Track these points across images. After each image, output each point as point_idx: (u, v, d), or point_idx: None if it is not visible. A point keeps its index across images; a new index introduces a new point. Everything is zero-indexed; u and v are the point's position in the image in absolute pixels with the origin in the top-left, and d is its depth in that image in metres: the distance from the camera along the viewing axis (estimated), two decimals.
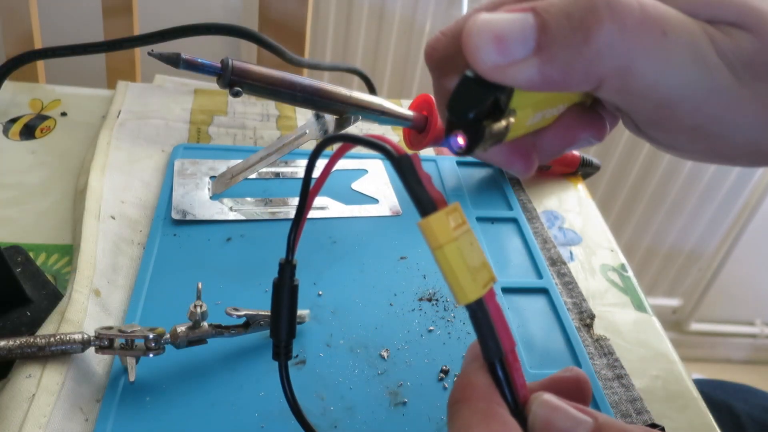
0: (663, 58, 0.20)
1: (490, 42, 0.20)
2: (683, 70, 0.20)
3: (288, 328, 0.26)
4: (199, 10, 1.02)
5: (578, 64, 0.20)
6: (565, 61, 0.20)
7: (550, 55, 0.20)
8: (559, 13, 0.20)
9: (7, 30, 0.60)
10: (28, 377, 0.28)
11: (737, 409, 0.61)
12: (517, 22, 0.20)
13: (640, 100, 0.21)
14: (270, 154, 0.43)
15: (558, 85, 0.20)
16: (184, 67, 0.37)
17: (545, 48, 0.20)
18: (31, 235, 0.39)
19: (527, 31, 0.20)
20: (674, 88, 0.21)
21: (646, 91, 0.21)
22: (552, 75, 0.20)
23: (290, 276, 0.26)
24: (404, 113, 0.45)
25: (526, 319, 0.39)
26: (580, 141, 0.26)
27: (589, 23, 0.19)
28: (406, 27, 1.08)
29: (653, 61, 0.20)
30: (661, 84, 0.20)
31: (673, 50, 0.20)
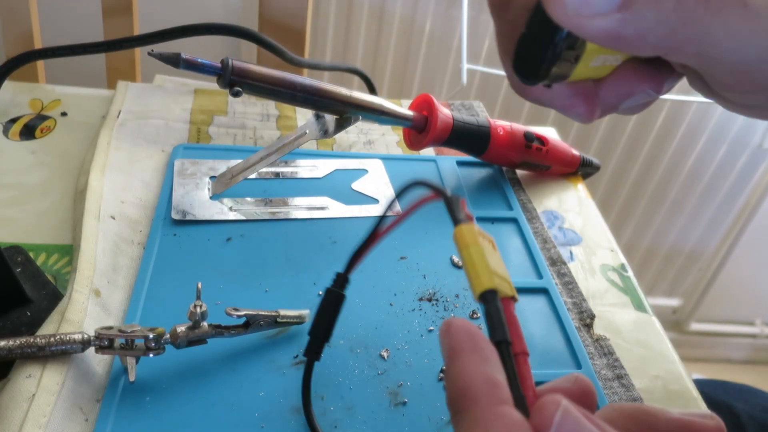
0: (744, 27, 0.20)
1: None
2: (762, 37, 0.21)
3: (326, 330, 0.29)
4: (199, 10, 1.02)
5: (659, 28, 0.20)
6: (647, 22, 0.20)
7: (635, 14, 0.20)
8: None
9: (7, 30, 0.60)
10: (28, 377, 0.28)
11: (737, 409, 0.61)
12: None
13: (716, 65, 0.22)
14: (270, 154, 0.43)
15: (629, 45, 0.21)
16: (184, 67, 0.37)
17: (632, 5, 0.20)
18: (31, 235, 0.39)
19: None
20: (753, 55, 0.21)
21: (724, 58, 0.21)
22: (629, 33, 0.20)
23: (342, 287, 0.29)
24: (404, 113, 0.45)
25: (526, 319, 0.39)
26: (638, 93, 0.26)
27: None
28: (406, 27, 1.08)
29: (734, 30, 0.20)
30: (741, 51, 0.21)
31: (753, 19, 0.20)
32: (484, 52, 1.12)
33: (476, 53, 1.11)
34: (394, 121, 0.45)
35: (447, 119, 0.46)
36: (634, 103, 0.27)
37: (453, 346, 0.20)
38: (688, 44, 0.21)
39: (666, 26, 0.20)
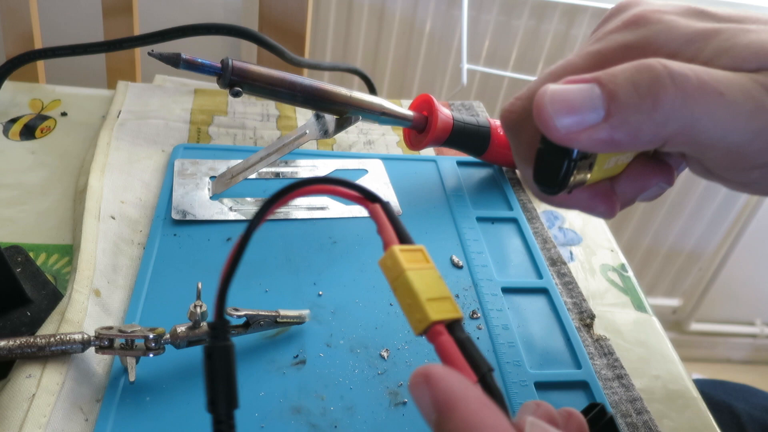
0: (724, 115, 0.22)
1: (563, 111, 0.22)
2: (744, 121, 0.22)
3: (228, 395, 0.24)
4: (199, 10, 1.02)
5: (646, 128, 0.22)
6: (634, 125, 0.22)
7: (620, 121, 0.22)
8: (625, 82, 0.22)
9: (7, 30, 0.60)
10: (28, 377, 0.28)
11: (738, 409, 0.61)
12: (584, 92, 0.22)
13: (708, 151, 0.23)
14: (270, 154, 0.43)
15: (624, 146, 0.23)
16: (184, 67, 0.37)
17: (615, 114, 0.22)
18: (31, 235, 0.39)
19: (595, 100, 0.22)
20: (738, 137, 0.22)
21: (713, 144, 0.23)
22: (620, 138, 0.22)
23: (224, 336, 0.24)
24: (404, 113, 0.45)
25: (526, 319, 0.39)
26: (652, 187, 0.28)
27: (655, 91, 0.21)
28: (406, 27, 1.08)
29: (717, 118, 0.22)
30: (726, 137, 0.22)
31: (731, 106, 0.22)
32: (484, 52, 1.12)
33: (476, 53, 1.11)
34: (394, 121, 0.45)
35: (447, 119, 0.46)
36: (649, 195, 0.29)
37: (443, 398, 0.18)
38: (679, 136, 0.22)
39: (652, 125, 0.22)
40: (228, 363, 0.24)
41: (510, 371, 0.35)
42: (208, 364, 0.23)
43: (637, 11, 0.26)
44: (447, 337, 0.21)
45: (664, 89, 0.21)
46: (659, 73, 0.21)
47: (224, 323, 0.23)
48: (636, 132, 0.22)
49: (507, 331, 0.37)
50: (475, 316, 0.38)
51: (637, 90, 0.22)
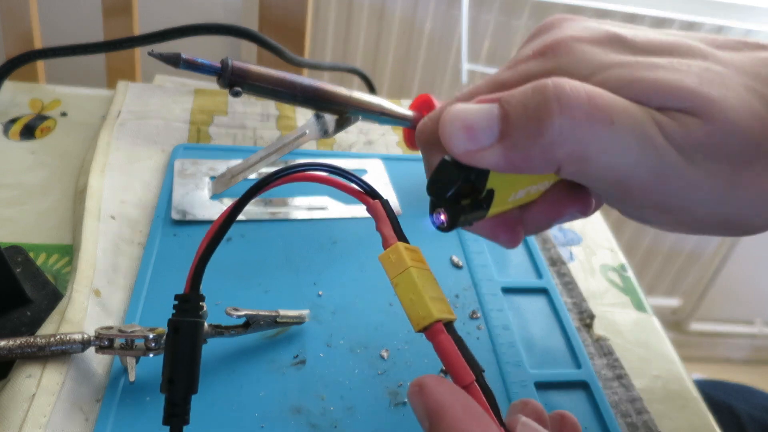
0: (612, 144, 0.21)
1: (461, 130, 0.22)
2: (632, 154, 0.21)
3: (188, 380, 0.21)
4: (199, 10, 1.02)
5: (535, 151, 0.22)
6: (524, 148, 0.22)
7: (512, 143, 0.22)
8: (517, 104, 0.22)
9: (7, 30, 0.60)
10: (28, 377, 0.28)
11: (738, 410, 0.61)
12: (483, 112, 0.22)
13: (597, 181, 0.23)
14: (270, 154, 0.43)
15: (522, 169, 0.22)
16: (184, 67, 0.37)
17: (507, 136, 0.22)
18: (31, 235, 0.39)
19: (492, 121, 0.22)
20: (625, 169, 0.22)
21: (601, 174, 0.22)
22: (515, 160, 0.22)
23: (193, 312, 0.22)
24: (404, 113, 0.45)
25: (526, 319, 0.39)
26: (565, 216, 0.28)
27: (541, 115, 0.21)
28: (406, 27, 1.08)
29: (603, 147, 0.21)
30: (613, 167, 0.22)
31: (621, 137, 0.21)
32: (484, 52, 1.12)
33: (476, 53, 1.11)
34: (394, 121, 0.45)
35: None
36: (564, 222, 0.29)
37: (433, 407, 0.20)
38: (569, 163, 0.22)
39: (540, 149, 0.21)
40: (194, 341, 0.22)
41: (510, 371, 0.35)
42: (173, 339, 0.22)
43: (550, 40, 0.25)
44: (446, 336, 0.22)
45: (549, 114, 0.21)
46: (548, 94, 0.21)
47: (197, 297, 0.22)
48: (526, 155, 0.22)
49: (507, 331, 0.37)
50: (475, 316, 0.38)
51: (526, 111, 0.21)
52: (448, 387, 0.21)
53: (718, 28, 1.12)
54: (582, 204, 0.27)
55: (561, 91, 0.21)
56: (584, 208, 0.27)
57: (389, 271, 0.23)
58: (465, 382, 0.21)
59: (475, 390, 0.21)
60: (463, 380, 0.21)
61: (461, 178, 0.23)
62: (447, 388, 0.21)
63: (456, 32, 1.09)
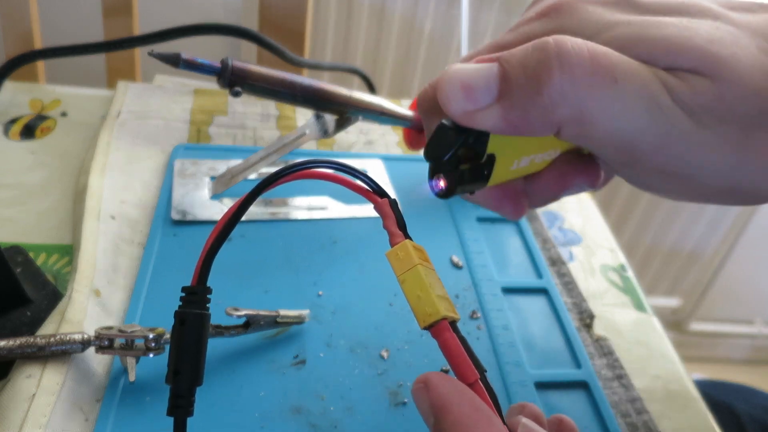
0: (615, 104, 0.20)
1: (458, 90, 0.22)
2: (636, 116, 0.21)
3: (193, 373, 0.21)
4: (199, 10, 1.02)
5: (535, 112, 0.21)
6: (523, 109, 0.21)
7: (510, 103, 0.21)
8: (516, 63, 0.21)
9: (7, 30, 0.60)
10: (28, 377, 0.28)
11: (738, 410, 0.61)
12: (482, 72, 0.22)
13: (600, 144, 0.22)
14: (270, 154, 0.43)
15: (521, 130, 0.22)
16: (184, 67, 0.37)
17: (505, 96, 0.21)
18: (31, 235, 0.39)
19: (491, 80, 0.21)
20: (630, 132, 0.21)
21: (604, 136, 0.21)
22: (513, 121, 0.21)
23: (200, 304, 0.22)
24: (404, 113, 0.45)
25: (526, 319, 0.39)
26: (573, 187, 0.27)
27: (540, 74, 0.20)
28: (406, 27, 1.08)
29: (606, 108, 0.20)
30: (617, 129, 0.21)
31: (624, 97, 0.20)
32: None
33: None
34: (394, 121, 0.45)
35: None
36: (571, 194, 0.28)
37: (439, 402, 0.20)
38: (570, 124, 0.21)
39: (540, 109, 0.21)
40: (200, 333, 0.22)
41: (510, 371, 0.35)
42: (179, 331, 0.21)
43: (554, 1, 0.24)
44: (452, 333, 0.22)
45: (548, 72, 0.20)
46: (549, 52, 0.20)
47: (204, 290, 0.22)
48: (526, 116, 0.21)
49: (507, 331, 0.37)
50: (475, 316, 0.38)
51: (525, 71, 0.21)
52: (453, 384, 0.21)
53: None
54: (590, 175, 0.27)
55: (562, 48, 0.20)
56: (592, 180, 0.27)
57: (396, 267, 0.23)
58: (469, 380, 0.21)
59: (479, 388, 0.21)
60: (468, 378, 0.21)
61: (459, 141, 0.23)
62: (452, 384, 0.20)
63: (456, 32, 1.09)
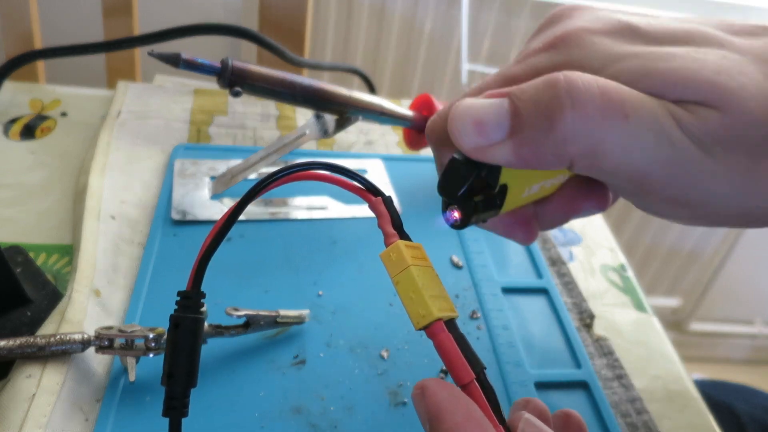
0: (627, 139, 0.21)
1: (470, 126, 0.22)
2: (647, 149, 0.21)
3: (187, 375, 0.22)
4: (199, 10, 1.02)
5: (547, 147, 0.21)
6: (535, 144, 0.21)
7: (522, 139, 0.21)
8: (528, 99, 0.21)
9: (7, 30, 0.60)
10: (28, 377, 0.28)
11: (738, 410, 0.61)
12: (493, 108, 0.22)
13: (612, 176, 0.22)
14: (270, 154, 0.43)
15: (533, 165, 0.22)
16: (184, 67, 0.37)
17: (517, 132, 0.21)
18: (31, 235, 0.39)
19: (502, 116, 0.22)
20: (641, 164, 0.21)
21: (616, 169, 0.22)
22: (525, 156, 0.22)
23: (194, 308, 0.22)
24: (404, 113, 0.45)
25: (526, 319, 0.39)
26: (582, 211, 0.27)
27: (552, 111, 0.21)
28: (406, 27, 1.08)
29: (617, 142, 0.21)
30: (628, 162, 0.21)
31: (636, 131, 0.21)
32: (484, 52, 1.12)
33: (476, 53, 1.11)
34: (394, 121, 0.45)
35: None
36: (581, 217, 0.28)
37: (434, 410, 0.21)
38: (582, 158, 0.21)
39: (552, 145, 0.21)
40: (194, 337, 0.22)
41: (510, 371, 0.35)
42: (173, 335, 0.22)
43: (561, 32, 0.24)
44: (447, 334, 0.22)
45: (560, 109, 0.20)
46: (560, 89, 0.21)
47: (198, 294, 0.22)
48: (538, 151, 0.21)
49: (507, 331, 0.37)
50: (475, 316, 0.38)
51: (537, 107, 0.21)
52: (449, 390, 0.21)
53: None
54: (599, 199, 0.27)
55: (573, 85, 0.21)
56: (601, 203, 0.27)
57: (390, 269, 0.23)
58: (464, 381, 0.21)
59: (475, 389, 0.21)
60: (463, 379, 0.21)
61: (472, 176, 0.23)
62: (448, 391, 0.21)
63: (456, 32, 1.09)
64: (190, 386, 0.22)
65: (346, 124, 0.44)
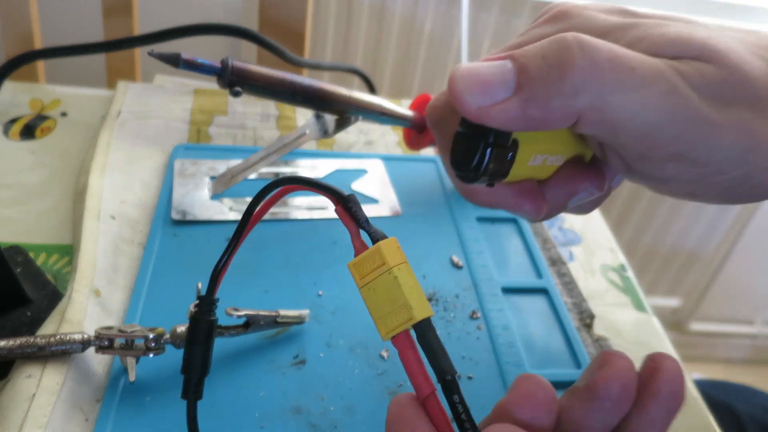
0: (635, 90, 0.21)
1: (474, 86, 0.22)
2: (656, 101, 0.21)
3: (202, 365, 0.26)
4: (199, 10, 1.02)
5: (556, 100, 0.21)
6: (543, 98, 0.21)
7: (530, 94, 0.21)
8: (535, 55, 0.22)
9: (7, 30, 0.60)
10: (28, 377, 0.28)
11: (738, 410, 0.61)
12: (497, 67, 0.22)
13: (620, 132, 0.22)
14: (270, 154, 0.43)
15: (539, 122, 0.22)
16: (184, 67, 0.37)
17: (525, 87, 0.21)
18: (31, 235, 0.39)
19: (507, 74, 0.22)
20: (650, 117, 0.22)
21: (624, 124, 0.22)
22: (532, 113, 0.22)
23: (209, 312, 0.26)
24: (404, 113, 0.45)
25: (526, 319, 0.39)
26: (581, 191, 0.28)
27: (563, 61, 0.21)
28: (406, 27, 1.08)
29: (626, 93, 0.21)
30: (637, 115, 0.21)
31: (643, 82, 0.21)
32: (484, 52, 1.12)
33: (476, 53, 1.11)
34: (394, 121, 0.45)
35: None
36: (579, 201, 0.28)
37: (388, 420, 0.23)
38: (590, 113, 0.21)
39: (562, 97, 0.21)
40: (210, 335, 0.27)
41: (510, 371, 0.35)
42: (192, 332, 0.26)
43: (559, 8, 0.26)
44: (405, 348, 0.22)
45: (571, 57, 0.21)
46: (569, 42, 0.21)
47: (213, 300, 0.26)
48: (546, 105, 0.21)
49: (507, 331, 0.37)
50: (475, 316, 0.38)
51: (546, 61, 0.21)
52: (401, 407, 0.22)
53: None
54: (596, 179, 0.27)
55: (581, 38, 0.21)
56: (598, 183, 0.27)
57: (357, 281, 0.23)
58: (423, 394, 0.22)
59: (433, 402, 0.21)
60: (422, 393, 0.22)
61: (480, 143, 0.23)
62: (399, 407, 0.22)
63: (456, 32, 1.09)
64: (204, 375, 0.26)
65: (346, 124, 0.44)
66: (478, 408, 0.33)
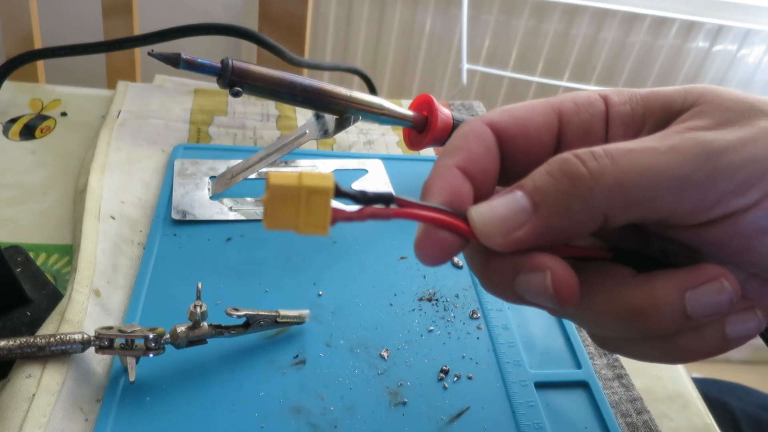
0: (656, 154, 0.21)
1: (496, 226, 0.22)
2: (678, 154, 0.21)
3: None
4: (199, 10, 1.02)
5: (576, 205, 0.21)
6: (562, 207, 0.21)
7: (548, 207, 0.21)
8: (540, 173, 0.21)
9: (7, 30, 0.60)
10: (28, 377, 0.28)
11: (732, 406, 0.61)
12: (509, 197, 0.22)
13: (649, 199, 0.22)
14: (270, 154, 0.43)
15: (567, 232, 0.21)
16: (184, 67, 0.37)
17: (541, 203, 0.21)
18: (31, 235, 0.39)
19: (519, 199, 0.22)
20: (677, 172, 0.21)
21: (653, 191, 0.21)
22: (554, 222, 0.21)
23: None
24: (404, 113, 0.45)
25: (526, 319, 0.39)
26: None
27: (569, 171, 0.21)
28: (406, 27, 1.08)
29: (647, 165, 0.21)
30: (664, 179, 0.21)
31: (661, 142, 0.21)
32: (484, 52, 1.12)
33: (476, 53, 1.11)
34: (394, 121, 0.45)
35: (447, 119, 0.46)
36: None
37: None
38: (618, 211, 0.21)
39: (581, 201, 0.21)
40: None
41: (510, 371, 0.35)
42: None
43: None
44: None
45: (576, 167, 0.21)
46: (568, 156, 0.21)
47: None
48: (568, 213, 0.21)
49: (507, 331, 0.37)
50: (475, 316, 0.38)
51: (552, 175, 0.21)
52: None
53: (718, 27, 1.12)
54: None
55: (575, 152, 0.21)
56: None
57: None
58: None
59: None
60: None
61: None
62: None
63: (456, 32, 1.09)
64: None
65: (346, 124, 0.44)
66: (479, 408, 0.33)
